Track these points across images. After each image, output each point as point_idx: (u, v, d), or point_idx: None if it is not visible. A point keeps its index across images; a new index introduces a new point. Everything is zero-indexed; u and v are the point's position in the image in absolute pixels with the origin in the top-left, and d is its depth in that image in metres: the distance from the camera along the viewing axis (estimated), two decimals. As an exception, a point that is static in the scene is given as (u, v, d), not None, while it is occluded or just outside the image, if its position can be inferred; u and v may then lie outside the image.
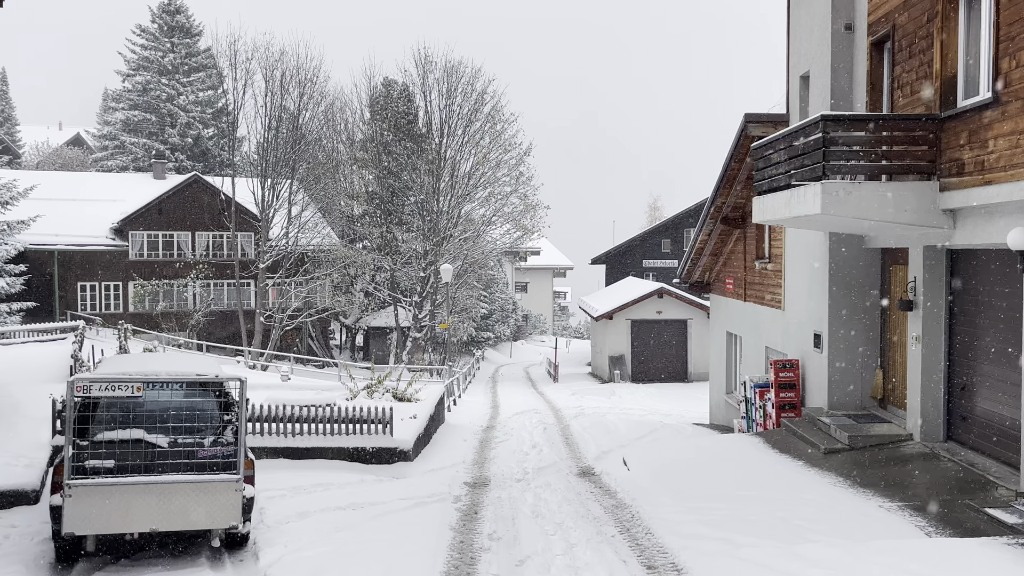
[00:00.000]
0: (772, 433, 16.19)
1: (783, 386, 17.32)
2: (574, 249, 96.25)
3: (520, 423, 23.74)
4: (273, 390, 21.03)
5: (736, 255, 22.98)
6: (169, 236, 45.16)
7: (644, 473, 14.39)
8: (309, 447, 15.14)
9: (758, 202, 15.70)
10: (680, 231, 59.44)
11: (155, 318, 44.00)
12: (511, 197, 47.28)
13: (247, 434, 10.95)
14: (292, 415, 15.30)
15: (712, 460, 14.74)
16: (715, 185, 21.45)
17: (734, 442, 15.89)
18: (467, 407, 28.83)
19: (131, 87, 66.82)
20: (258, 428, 15.13)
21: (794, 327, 17.91)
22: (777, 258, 19.23)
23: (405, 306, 47.52)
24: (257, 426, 15.11)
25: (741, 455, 14.62)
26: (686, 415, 28.62)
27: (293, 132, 42.34)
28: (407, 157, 45.86)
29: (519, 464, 16.51)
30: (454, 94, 45.63)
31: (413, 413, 18.20)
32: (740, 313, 22.52)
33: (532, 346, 76.51)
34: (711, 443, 16.31)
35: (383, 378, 21.05)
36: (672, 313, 40.88)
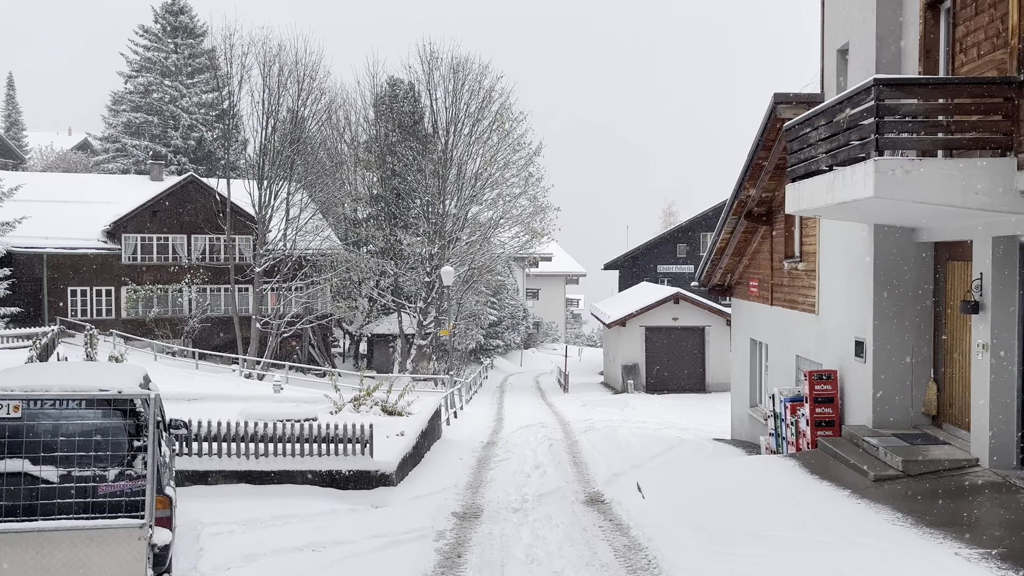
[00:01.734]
0: (808, 455, 14.10)
1: (819, 400, 15.24)
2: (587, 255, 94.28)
3: (524, 439, 21.72)
4: (251, 402, 19.12)
5: (761, 255, 20.92)
6: (164, 239, 43.41)
7: (662, 502, 12.36)
8: (275, 470, 13.18)
9: (792, 190, 13.66)
10: (696, 235, 57.32)
11: (148, 324, 42.28)
12: (520, 199, 45.44)
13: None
14: (255, 433, 13.34)
15: (741, 487, 12.66)
16: (739, 177, 19.42)
17: (765, 465, 13.81)
18: (469, 420, 26.83)
19: (133, 89, 65.42)
20: (213, 448, 13.17)
21: (831, 334, 15.84)
22: (810, 256, 17.17)
23: (409, 312, 45.63)
24: (212, 446, 13.16)
25: (776, 482, 12.55)
26: (705, 429, 26.53)
27: (292, 130, 40.54)
28: (412, 158, 44.02)
29: (518, 489, 14.49)
30: (461, 92, 43.90)
31: (401, 429, 16.23)
32: (766, 319, 20.46)
33: (543, 354, 74.48)
34: (739, 466, 14.24)
35: (372, 390, 19.09)
36: (689, 320, 38.74)
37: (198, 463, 12.89)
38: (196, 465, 12.85)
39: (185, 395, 18.98)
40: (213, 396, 19.36)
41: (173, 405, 18.54)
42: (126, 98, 65.49)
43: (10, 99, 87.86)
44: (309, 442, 13.49)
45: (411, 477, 15.20)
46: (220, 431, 13.14)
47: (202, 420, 13.36)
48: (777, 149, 17.77)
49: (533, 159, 44.88)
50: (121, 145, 64.26)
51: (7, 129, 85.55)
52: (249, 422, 13.53)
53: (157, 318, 42.39)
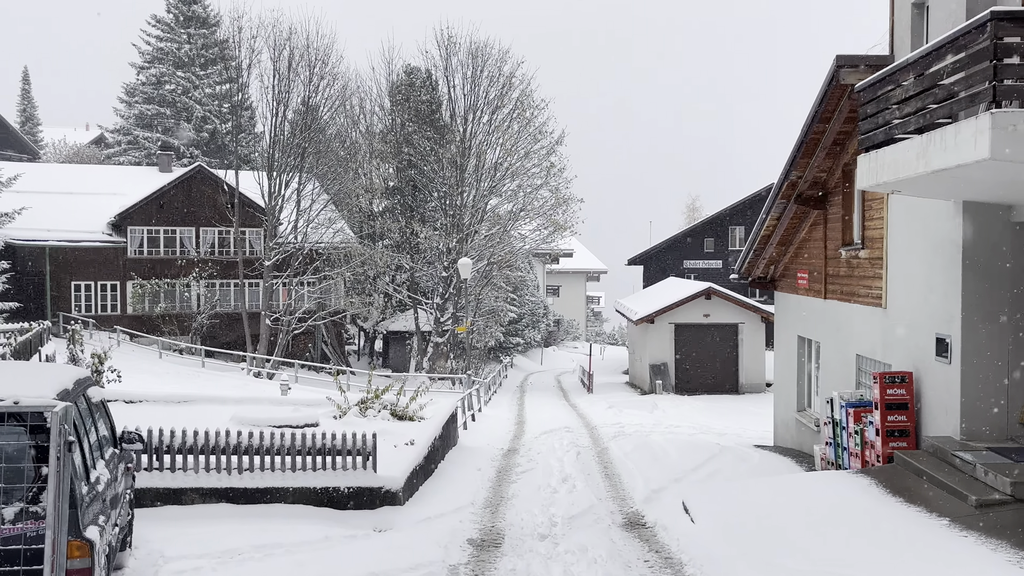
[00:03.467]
0: (884, 472, 12.07)
1: (891, 407, 13.20)
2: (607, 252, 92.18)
3: (549, 445, 19.77)
4: (246, 405, 17.28)
5: (812, 243, 18.86)
6: (171, 232, 41.77)
7: (715, 529, 10.41)
8: (261, 488, 11.31)
9: (867, 161, 11.64)
10: (725, 229, 55.09)
11: (155, 320, 40.66)
12: (541, 190, 43.38)
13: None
14: (237, 445, 11.45)
15: (808, 511, 10.67)
16: (789, 156, 17.38)
17: (834, 484, 11.79)
18: (488, 423, 24.92)
19: (146, 80, 64.03)
20: (190, 462, 11.30)
21: (903, 329, 13.79)
22: (874, 243, 15.11)
23: (426, 309, 43.78)
24: (188, 460, 11.30)
25: (852, 506, 10.55)
26: (744, 435, 24.54)
27: (303, 117, 38.75)
28: (429, 147, 42.14)
29: (545, 509, 12.55)
30: (480, 78, 41.92)
31: (411, 438, 14.33)
32: (818, 313, 18.40)
33: (564, 353, 72.45)
34: (801, 484, 12.24)
35: (380, 392, 17.20)
36: (721, 316, 36.59)
37: (171, 479, 11.05)
38: (169, 482, 11.02)
39: (174, 397, 17.20)
40: (206, 398, 17.56)
41: (160, 408, 16.78)
42: (138, 90, 64.09)
43: (25, 93, 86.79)
44: (302, 454, 11.60)
45: (421, 493, 13.30)
46: (197, 442, 11.26)
47: (176, 429, 11.52)
48: (837, 121, 15.74)
49: (555, 148, 42.86)
50: (133, 137, 62.88)
51: (22, 124, 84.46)
52: (232, 431, 11.65)
53: (164, 314, 40.75)
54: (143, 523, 9.87)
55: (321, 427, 15.51)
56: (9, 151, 70.72)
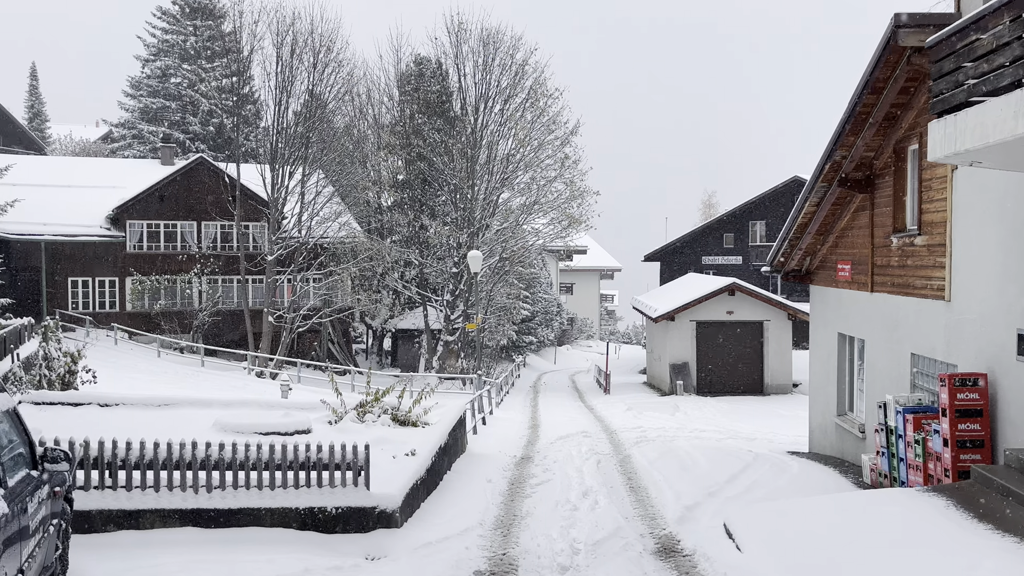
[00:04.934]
0: (960, 490, 10.35)
1: (963, 413, 11.49)
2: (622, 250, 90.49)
3: (566, 452, 18.12)
4: (234, 408, 15.70)
5: (856, 231, 17.14)
6: (171, 226, 40.30)
7: (766, 559, 8.77)
8: (235, 509, 9.70)
9: (943, 126, 9.94)
10: (745, 224, 53.27)
11: (154, 318, 39.20)
12: (555, 183, 41.67)
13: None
14: (206, 459, 9.83)
15: (880, 539, 8.98)
16: (833, 134, 15.67)
17: (902, 505, 10.08)
18: (499, 427, 23.28)
19: (151, 73, 62.78)
20: (148, 480, 9.70)
21: (973, 325, 12.07)
22: (935, 227, 13.38)
23: (436, 306, 42.19)
24: (148, 476, 9.69)
25: (931, 534, 8.85)
26: (775, 440, 22.86)
27: (307, 105, 37.20)
28: (439, 139, 40.51)
29: (564, 531, 10.90)
30: (491, 66, 40.28)
31: (413, 447, 12.70)
32: (863, 308, 16.68)
33: (579, 352, 70.79)
34: (862, 504, 10.53)
35: (380, 394, 15.58)
36: (745, 314, 34.81)
37: (126, 499, 9.45)
38: (124, 502, 9.41)
39: (155, 400, 15.64)
40: (189, 401, 16.01)
41: (138, 413, 15.22)
42: (143, 83, 62.85)
43: (33, 89, 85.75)
44: (282, 469, 9.98)
45: (423, 511, 11.66)
46: (158, 455, 9.64)
47: (135, 439, 9.89)
48: (890, 92, 14.01)
49: (570, 139, 41.18)
50: (138, 131, 61.61)
51: (30, 120, 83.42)
52: (200, 442, 10.01)
53: (164, 311, 39.31)
54: (87, 553, 8.30)
55: (314, 434, 13.92)
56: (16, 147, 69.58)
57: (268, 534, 9.67)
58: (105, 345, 36.45)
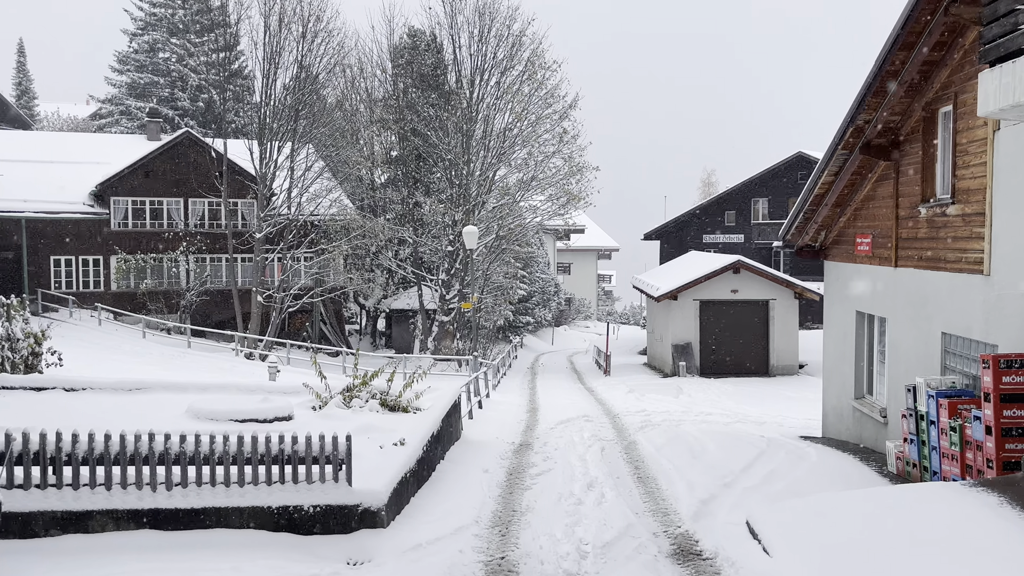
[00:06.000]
0: (1013, 484, 9.28)
1: (1008, 398, 10.39)
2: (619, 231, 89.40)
3: (567, 438, 17.07)
4: (210, 393, 14.59)
5: (878, 201, 16.03)
6: (157, 203, 39.05)
7: (801, 566, 7.71)
8: (199, 509, 8.59)
9: (999, 75, 8.82)
10: (747, 201, 52.06)
11: (140, 298, 38.01)
12: (553, 158, 40.41)
13: None
14: (165, 452, 8.70)
15: (929, 544, 7.93)
16: (857, 96, 14.52)
17: (946, 501, 9.01)
18: (496, 411, 22.22)
19: (138, 48, 61.28)
20: (99, 476, 8.58)
21: (1016, 301, 10.99)
22: (971, 195, 12.26)
23: (431, 285, 41.05)
24: (98, 472, 8.56)
25: (987, 536, 7.79)
26: (784, 423, 21.85)
27: (296, 76, 35.87)
28: (434, 113, 39.22)
29: (569, 529, 9.84)
30: (487, 37, 38.91)
31: (402, 436, 11.59)
32: (885, 284, 15.60)
33: (576, 332, 69.78)
34: (901, 501, 9.44)
35: (369, 377, 14.47)
36: (750, 292, 33.68)
37: (73, 499, 8.32)
38: (71, 503, 8.28)
39: (125, 384, 14.51)
40: (163, 385, 14.90)
41: (106, 398, 14.11)
42: (131, 58, 61.39)
43: (20, 66, 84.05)
44: (253, 464, 8.86)
45: (413, 507, 10.58)
46: (110, 449, 8.50)
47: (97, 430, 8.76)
48: (923, 47, 12.83)
49: (568, 113, 39.90)
50: (126, 107, 60.18)
51: (18, 97, 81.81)
52: (158, 433, 8.87)
53: (150, 291, 38.13)
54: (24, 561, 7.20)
55: (295, 421, 12.85)
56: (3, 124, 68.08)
57: (236, 537, 8.58)
58: (89, 326, 35.32)
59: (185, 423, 12.39)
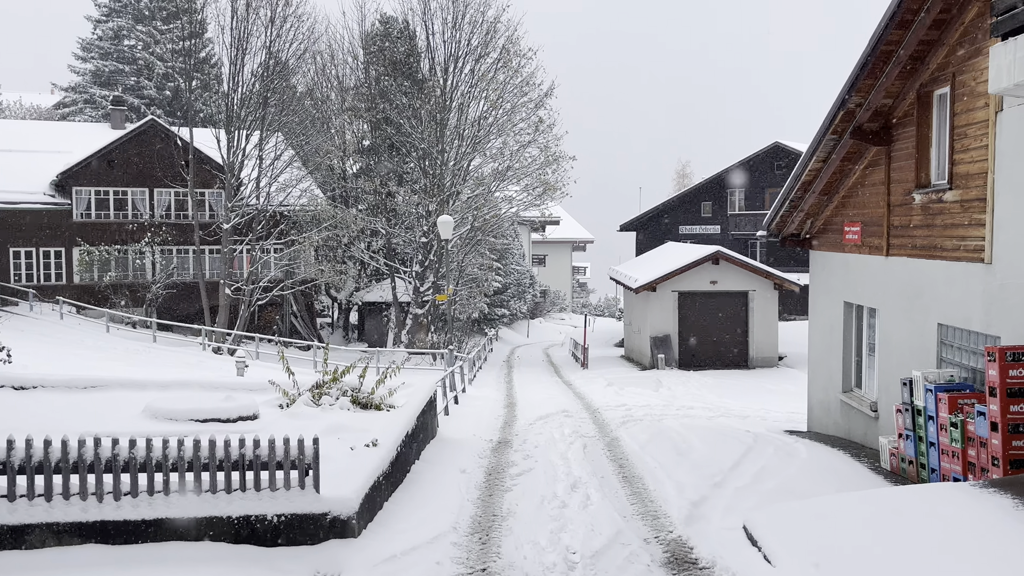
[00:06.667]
0: (1021, 482, 8.75)
1: (1016, 392, 9.88)
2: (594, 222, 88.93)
3: (548, 435, 16.44)
4: (171, 391, 13.80)
5: (868, 188, 15.51)
6: (121, 193, 37.90)
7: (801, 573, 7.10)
8: (151, 520, 7.83)
9: (1010, 49, 8.30)
10: (724, 192, 51.65)
11: (104, 290, 36.89)
12: (529, 148, 39.70)
13: None
14: (111, 459, 7.91)
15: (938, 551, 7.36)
16: (849, 78, 13.97)
17: (957, 503, 8.46)
18: (473, 407, 21.54)
19: (102, 35, 59.69)
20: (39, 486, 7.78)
21: (1020, 290, 10.47)
22: (970, 180, 11.73)
23: (405, 278, 40.25)
24: (38, 481, 7.77)
25: (1003, 542, 7.22)
26: (767, 417, 21.34)
27: (264, 63, 34.88)
28: (407, 101, 38.36)
29: (554, 536, 9.19)
30: (461, 23, 38.10)
31: (375, 437, 10.88)
32: (875, 274, 15.09)
33: (552, 324, 69.26)
34: (908, 504, 8.87)
35: (340, 373, 13.73)
36: (729, 283, 33.23)
37: (8, 513, 7.50)
38: (5, 516, 7.46)
39: (80, 382, 13.68)
40: (121, 383, 14.07)
41: (59, 396, 13.28)
42: (95, 45, 59.84)
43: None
44: (210, 470, 8.11)
45: (387, 513, 9.87)
46: (50, 455, 7.70)
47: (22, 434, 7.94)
48: (920, 27, 12.28)
49: (544, 102, 39.19)
50: (90, 96, 58.65)
51: (-23, 86, 79.56)
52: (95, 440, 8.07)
53: (114, 283, 37.01)
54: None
55: (261, 420, 12.11)
56: (-37, 114, 66.17)
57: (192, 551, 7.83)
58: (50, 320, 34.22)
59: (142, 424, 11.63)
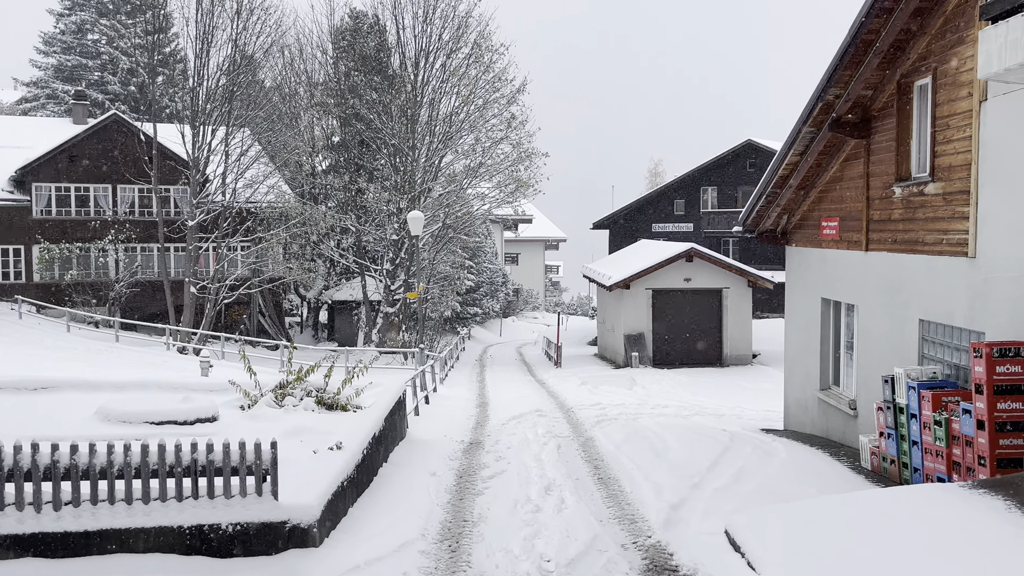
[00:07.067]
0: (1016, 484, 8.43)
1: (1003, 390, 9.58)
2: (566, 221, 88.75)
3: (521, 435, 16.00)
4: (128, 392, 13.20)
5: (846, 182, 15.23)
6: (83, 190, 36.96)
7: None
8: (95, 531, 7.29)
9: (1002, 32, 7.99)
10: (696, 190, 51.53)
11: (65, 290, 35.95)
12: (501, 144, 39.27)
13: None
14: (51, 466, 7.34)
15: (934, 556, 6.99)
16: (828, 69, 13.66)
17: (948, 505, 8.12)
18: (444, 407, 21.05)
19: (65, 28, 58.41)
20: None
21: (1006, 285, 10.20)
22: (954, 172, 11.45)
23: (375, 276, 39.65)
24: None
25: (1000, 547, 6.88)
26: (743, 415, 21.06)
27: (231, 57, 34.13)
28: (377, 97, 37.76)
29: (528, 543, 8.75)
30: (432, 17, 37.54)
31: (339, 439, 10.37)
32: (854, 270, 14.82)
33: (524, 323, 68.91)
34: (897, 506, 8.52)
35: (304, 373, 13.19)
36: (703, 281, 32.99)
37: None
38: (-67, 529, 6.94)
39: (30, 383, 13.05)
40: (74, 383, 13.47)
41: (8, 398, 12.64)
42: (57, 39, 58.56)
43: (-60, 48, 79.95)
44: (160, 476, 7.57)
45: (352, 520, 9.38)
46: (-16, 463, 7.15)
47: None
48: (900, 15, 11.97)
49: (516, 98, 38.76)
50: (52, 91, 57.34)
51: (-63, 81, 77.83)
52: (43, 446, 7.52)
53: (76, 282, 36.07)
54: None
55: (220, 422, 11.57)
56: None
57: (140, 562, 7.30)
58: (9, 319, 33.25)
59: (94, 427, 11.05)
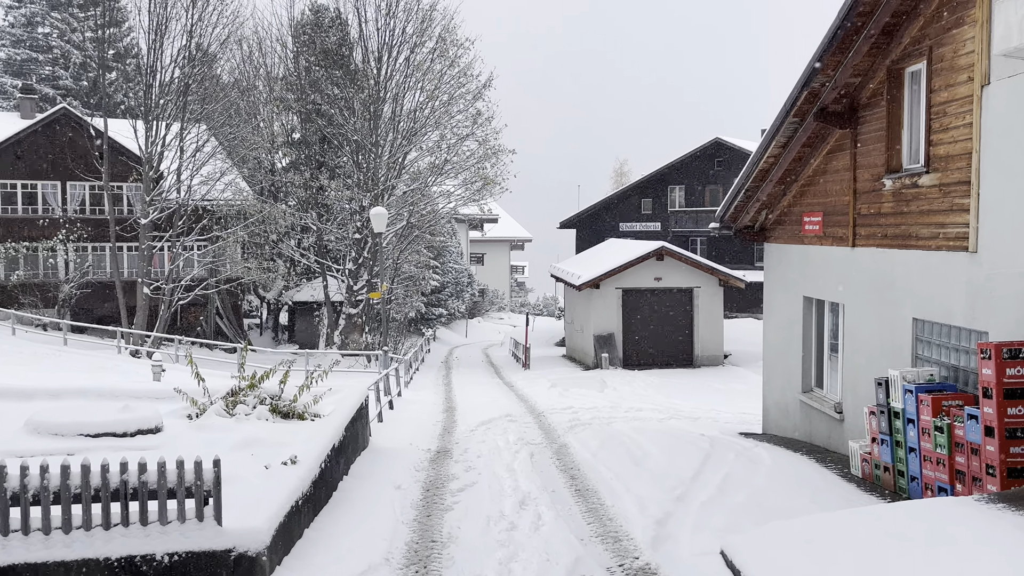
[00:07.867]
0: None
1: (1012, 394, 8.91)
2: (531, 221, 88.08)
3: (491, 442, 15.14)
4: (63, 400, 12.11)
5: (831, 175, 14.58)
6: (31, 187, 35.46)
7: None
8: (5, 567, 6.29)
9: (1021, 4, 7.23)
10: (664, 189, 51.04)
11: (12, 291, 34.40)
12: (467, 141, 38.37)
13: None
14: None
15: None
16: (814, 55, 12.98)
17: (967, 521, 7.41)
18: (409, 412, 20.11)
19: (14, 21, 56.47)
20: None
21: (1011, 281, 9.54)
22: (952, 161, 10.79)
23: (337, 276, 38.54)
24: None
25: None
26: (718, 417, 20.40)
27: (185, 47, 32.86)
28: (339, 93, 36.68)
29: (502, 565, 7.96)
30: (395, 11, 36.56)
31: (294, 452, 9.42)
32: (840, 266, 14.16)
33: (491, 324, 68.04)
34: (909, 524, 7.78)
35: (259, 379, 12.20)
36: (674, 280, 32.36)
37: None
38: None
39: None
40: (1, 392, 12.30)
41: (-72, 408, 11.48)
42: (6, 32, 56.59)
43: None
44: (83, 501, 6.60)
45: (307, 543, 8.44)
46: None
47: None
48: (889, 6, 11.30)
49: (482, 93, 37.89)
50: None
51: None
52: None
53: (23, 283, 34.54)
54: None
55: (164, 434, 10.57)
56: None
57: (58, 603, 6.31)
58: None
59: (21, 440, 10.00)
